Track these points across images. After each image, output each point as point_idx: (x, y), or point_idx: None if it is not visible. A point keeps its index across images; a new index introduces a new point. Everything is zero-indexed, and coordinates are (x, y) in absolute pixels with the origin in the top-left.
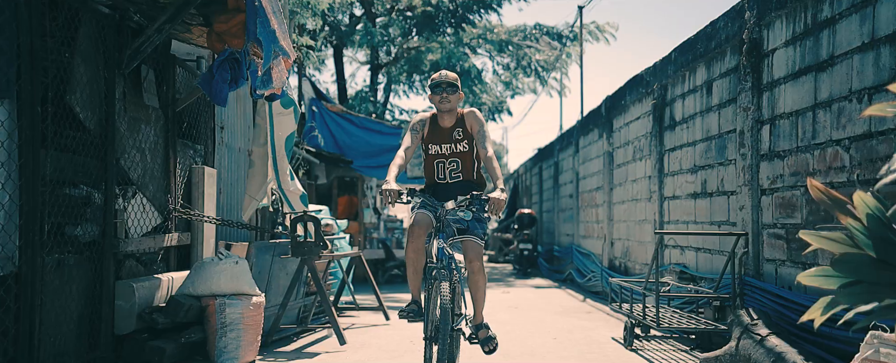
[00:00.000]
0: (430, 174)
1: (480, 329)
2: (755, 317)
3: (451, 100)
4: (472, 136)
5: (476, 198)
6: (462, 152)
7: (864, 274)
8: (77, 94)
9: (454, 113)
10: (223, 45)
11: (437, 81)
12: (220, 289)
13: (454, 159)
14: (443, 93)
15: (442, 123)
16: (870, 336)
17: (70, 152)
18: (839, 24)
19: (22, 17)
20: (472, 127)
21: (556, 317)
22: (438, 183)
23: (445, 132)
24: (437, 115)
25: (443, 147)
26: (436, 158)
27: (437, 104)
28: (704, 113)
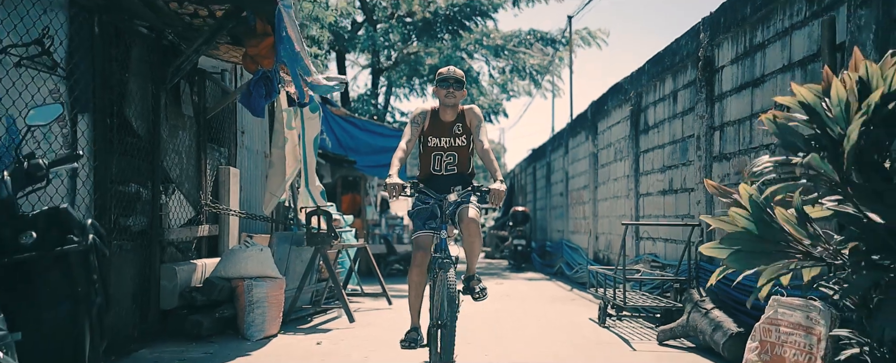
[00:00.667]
0: (426, 165)
1: (472, 280)
2: (704, 295)
3: (457, 95)
4: (470, 132)
5: (477, 189)
6: (460, 146)
7: (746, 245)
8: (132, 107)
9: (456, 108)
10: (256, 65)
11: (445, 76)
12: (247, 273)
13: (451, 153)
14: (449, 87)
15: (443, 117)
16: (772, 300)
17: (127, 156)
18: (767, 49)
19: (96, 47)
20: (472, 122)
21: (543, 304)
22: (434, 174)
23: (446, 126)
24: (438, 109)
25: (442, 140)
26: (434, 151)
27: (442, 98)
28: (671, 119)
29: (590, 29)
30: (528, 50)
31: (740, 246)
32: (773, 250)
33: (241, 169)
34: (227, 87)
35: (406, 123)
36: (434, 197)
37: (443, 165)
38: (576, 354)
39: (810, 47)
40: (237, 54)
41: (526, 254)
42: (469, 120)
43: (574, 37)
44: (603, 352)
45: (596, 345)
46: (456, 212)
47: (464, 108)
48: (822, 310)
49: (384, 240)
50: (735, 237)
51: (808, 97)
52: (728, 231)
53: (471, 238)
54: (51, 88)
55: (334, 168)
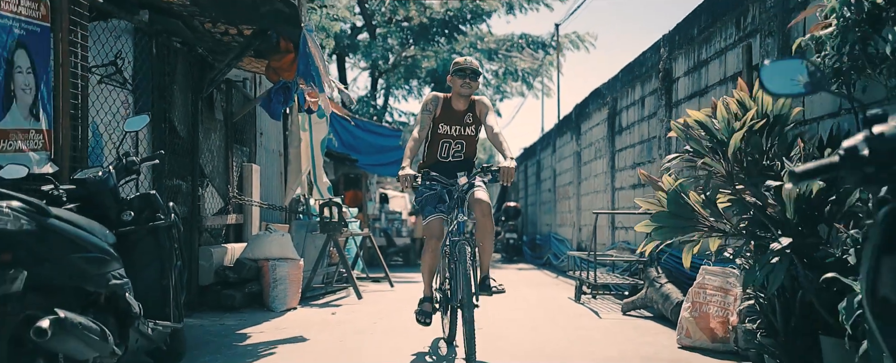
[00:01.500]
0: (433, 152)
1: (487, 279)
2: (660, 273)
3: (473, 86)
4: (480, 122)
5: (487, 169)
6: (469, 135)
7: (666, 222)
8: (176, 113)
9: (469, 98)
10: (278, 77)
11: (463, 67)
12: (271, 255)
13: (460, 141)
14: (467, 78)
15: (455, 106)
16: (701, 269)
17: (174, 155)
18: (709, 64)
19: (154, 65)
20: (481, 112)
21: (529, 289)
22: (440, 161)
23: (458, 115)
24: (450, 98)
25: (452, 128)
26: (443, 138)
27: (458, 87)
28: (640, 122)
29: (579, 33)
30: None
31: (662, 223)
32: (686, 225)
33: (261, 166)
34: (248, 94)
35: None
36: (442, 182)
37: (450, 152)
38: (551, 324)
39: (739, 65)
40: (259, 65)
41: (517, 247)
42: (479, 110)
43: (564, 40)
44: (575, 322)
45: (569, 317)
46: (465, 197)
47: (474, 99)
48: (737, 276)
49: (384, 234)
50: (658, 216)
51: (701, 117)
52: (654, 211)
53: (485, 227)
54: (122, 100)
55: (337, 165)
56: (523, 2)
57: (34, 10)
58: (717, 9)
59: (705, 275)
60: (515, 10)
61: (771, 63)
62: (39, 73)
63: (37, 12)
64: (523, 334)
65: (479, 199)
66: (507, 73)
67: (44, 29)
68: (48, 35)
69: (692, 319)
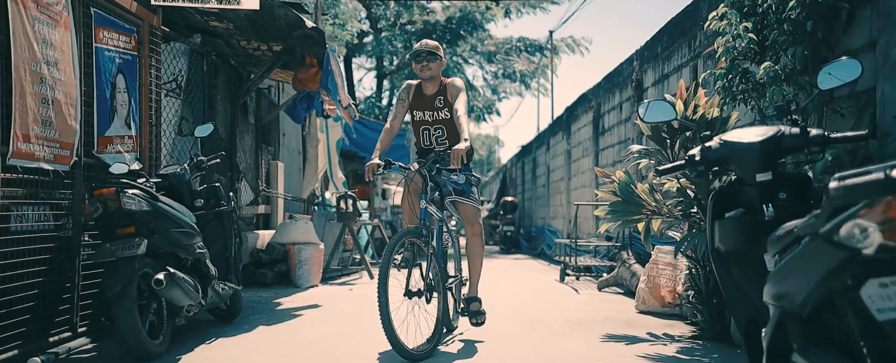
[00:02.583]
0: (418, 140)
1: (473, 302)
2: (630, 255)
3: (432, 67)
4: (452, 104)
5: (439, 155)
6: (445, 119)
7: (618, 208)
8: (218, 118)
9: (437, 81)
10: (303, 86)
11: (418, 51)
12: (297, 239)
13: (438, 126)
14: (423, 61)
15: (425, 91)
16: (655, 248)
17: None
18: (670, 77)
19: (205, 79)
20: (452, 94)
21: (522, 273)
22: (425, 149)
23: (428, 99)
24: (421, 84)
25: (426, 114)
26: (421, 125)
27: (418, 72)
28: (619, 124)
29: (574, 37)
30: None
31: (615, 208)
32: (635, 210)
33: (284, 163)
34: (273, 100)
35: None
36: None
37: (433, 139)
38: (535, 298)
39: (690, 80)
40: (284, 75)
41: (514, 238)
42: (450, 92)
43: (560, 43)
44: (556, 297)
45: (552, 294)
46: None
47: (445, 81)
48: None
49: (390, 226)
50: (612, 203)
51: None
52: (609, 200)
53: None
54: (176, 109)
55: (347, 163)
56: (520, 6)
57: (127, 42)
58: (675, 32)
59: (658, 253)
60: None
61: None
62: (130, 91)
63: (129, 44)
64: (509, 304)
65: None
66: (506, 75)
67: (133, 56)
68: (136, 61)
69: (647, 289)
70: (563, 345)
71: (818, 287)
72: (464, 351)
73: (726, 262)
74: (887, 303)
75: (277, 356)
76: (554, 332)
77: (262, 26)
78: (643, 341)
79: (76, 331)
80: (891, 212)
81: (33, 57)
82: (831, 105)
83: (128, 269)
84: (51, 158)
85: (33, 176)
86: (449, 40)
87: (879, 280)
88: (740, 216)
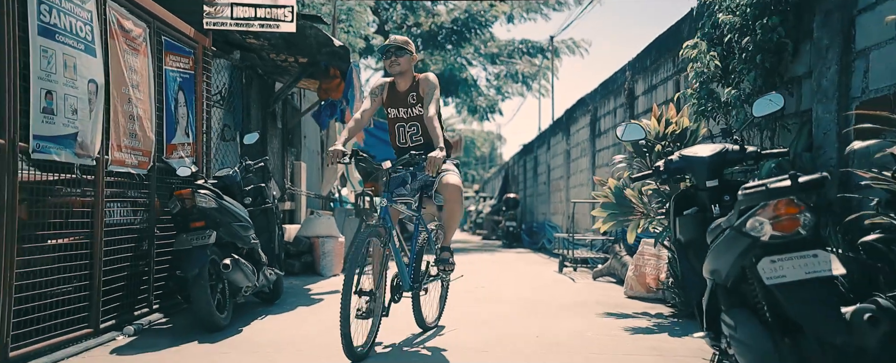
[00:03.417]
0: (393, 139)
1: (444, 251)
2: (621, 248)
3: (401, 62)
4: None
5: (414, 157)
6: (418, 116)
7: (611, 209)
8: (251, 124)
9: (408, 76)
10: (327, 95)
11: (386, 46)
12: (320, 233)
13: (412, 123)
14: (392, 56)
15: (398, 87)
16: (642, 242)
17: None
18: (657, 88)
19: (243, 91)
20: (424, 90)
21: (524, 266)
22: (401, 147)
23: (401, 96)
24: (395, 80)
25: (400, 111)
26: (396, 122)
27: (387, 68)
28: (613, 128)
29: (575, 39)
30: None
31: (608, 210)
32: (625, 211)
33: (305, 163)
34: (296, 106)
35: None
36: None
37: (407, 137)
38: (536, 287)
39: (674, 92)
40: (308, 84)
41: (516, 233)
42: (422, 88)
43: (561, 45)
44: (555, 285)
45: (550, 283)
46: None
47: (418, 77)
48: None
49: None
50: (606, 205)
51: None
52: (603, 202)
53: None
54: (218, 117)
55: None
56: (522, 12)
57: (186, 63)
58: (661, 48)
59: (644, 245)
60: (515, 20)
61: (625, 125)
62: (188, 104)
63: (188, 65)
64: (513, 291)
65: (447, 184)
66: (508, 76)
67: (191, 75)
68: (193, 78)
69: (634, 277)
70: (560, 321)
71: (735, 265)
72: (474, 326)
73: (685, 249)
74: (773, 273)
75: (321, 327)
76: (553, 313)
77: (294, 44)
78: (628, 318)
79: (152, 308)
80: (777, 211)
81: (123, 82)
82: (781, 121)
83: (201, 256)
84: (135, 164)
85: (122, 179)
86: (454, 41)
87: (770, 258)
88: (695, 213)
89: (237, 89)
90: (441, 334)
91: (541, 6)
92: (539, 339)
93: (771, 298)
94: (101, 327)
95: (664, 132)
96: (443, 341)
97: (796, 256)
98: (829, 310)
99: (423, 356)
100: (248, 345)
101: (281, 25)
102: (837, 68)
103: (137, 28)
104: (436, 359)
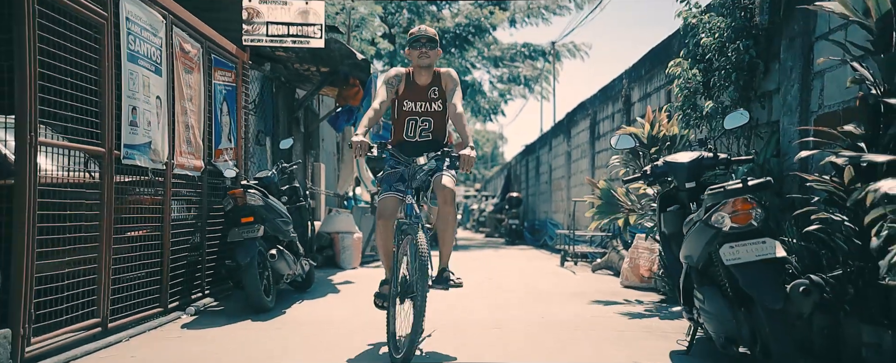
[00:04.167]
0: (399, 131)
1: (445, 271)
2: (619, 243)
3: (431, 55)
4: (446, 97)
5: (447, 154)
6: (435, 111)
7: (602, 207)
8: (280, 129)
9: (431, 70)
10: (346, 102)
11: (417, 36)
12: (340, 229)
13: (426, 118)
14: (422, 47)
15: (418, 80)
16: (636, 236)
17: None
18: (651, 96)
19: (273, 99)
20: (447, 85)
21: (527, 261)
22: (406, 140)
23: (421, 89)
24: (413, 72)
25: (417, 104)
26: (408, 115)
27: (415, 59)
28: (611, 132)
29: (575, 43)
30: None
31: (600, 207)
32: (615, 209)
33: (323, 164)
34: (314, 111)
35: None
36: (404, 160)
37: (417, 131)
38: (539, 279)
39: (665, 100)
40: (328, 91)
41: (519, 231)
42: (445, 83)
43: (562, 48)
44: (556, 278)
45: (552, 276)
46: (430, 180)
47: (440, 71)
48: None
49: None
50: (598, 206)
51: (635, 131)
52: (595, 202)
53: (447, 207)
54: (256, 125)
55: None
56: (524, 17)
57: (230, 77)
58: (654, 60)
59: (638, 239)
60: (517, 24)
61: (618, 136)
62: (231, 113)
63: (230, 78)
64: (517, 282)
65: (443, 186)
66: (511, 79)
67: (233, 87)
68: (235, 90)
69: (629, 268)
70: (562, 307)
71: (704, 250)
72: (487, 310)
73: (668, 240)
74: (732, 256)
75: (353, 310)
76: (555, 300)
77: (319, 56)
78: (623, 304)
79: (204, 293)
80: (735, 208)
81: (182, 96)
82: (755, 130)
83: (252, 247)
84: (192, 167)
85: (180, 180)
86: (458, 45)
87: (729, 244)
88: (676, 210)
89: (267, 97)
90: (456, 315)
91: (541, 11)
92: (543, 320)
93: (730, 276)
94: (169, 307)
95: (657, 137)
96: (460, 318)
97: (749, 243)
98: (773, 284)
99: (444, 327)
100: (295, 324)
101: (311, 41)
102: (799, 86)
103: (194, 49)
104: (456, 329)
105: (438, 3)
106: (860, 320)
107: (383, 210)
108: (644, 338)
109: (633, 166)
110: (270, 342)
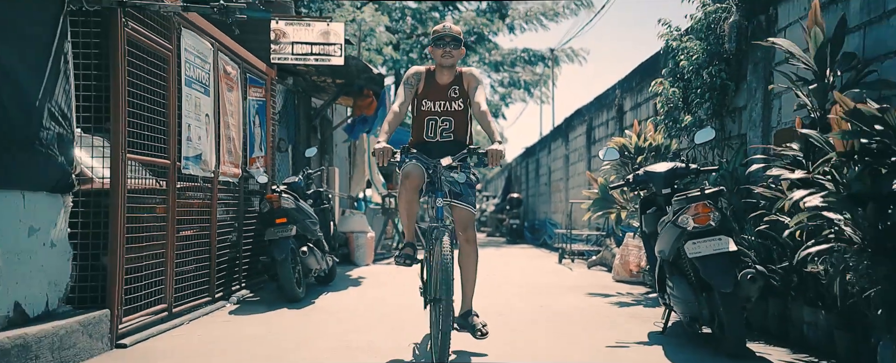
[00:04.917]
0: (418, 131)
1: (470, 315)
2: (613, 241)
3: (454, 55)
4: (468, 96)
5: (474, 152)
6: (456, 111)
7: (598, 203)
8: (300, 137)
9: (453, 70)
10: (360, 111)
11: (441, 34)
12: (354, 228)
13: (447, 118)
14: (446, 47)
15: (439, 79)
16: (627, 234)
17: (296, 164)
18: (641, 106)
19: (295, 110)
20: (469, 84)
21: (527, 259)
22: (427, 141)
23: (442, 89)
24: (433, 71)
25: (437, 104)
26: (428, 115)
27: (439, 58)
28: (606, 138)
29: (574, 48)
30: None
31: (596, 204)
32: (609, 205)
33: (337, 168)
34: (329, 118)
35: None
36: (426, 162)
37: (437, 132)
38: (538, 275)
39: (654, 111)
40: (343, 101)
41: (519, 231)
42: (467, 82)
43: (560, 54)
44: (554, 274)
45: (551, 272)
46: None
47: (462, 70)
48: None
49: None
50: (594, 200)
51: (624, 141)
52: (593, 197)
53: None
54: (280, 134)
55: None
56: (523, 23)
57: (260, 93)
58: (644, 73)
59: (628, 238)
60: (516, 30)
61: (605, 149)
62: (261, 125)
63: (261, 94)
64: (518, 278)
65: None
66: (512, 84)
67: (263, 101)
68: (265, 104)
69: (620, 264)
70: (560, 298)
71: (673, 246)
72: (490, 300)
73: (648, 239)
74: (694, 250)
75: (374, 301)
76: (553, 293)
77: (337, 70)
78: (614, 296)
79: (242, 285)
80: (697, 211)
81: (225, 112)
82: (727, 142)
83: (286, 244)
84: (232, 174)
85: (223, 186)
86: None
87: (693, 241)
88: (654, 212)
89: (290, 108)
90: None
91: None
92: (543, 309)
93: (694, 267)
94: (215, 297)
95: (643, 147)
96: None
97: (708, 239)
98: (726, 273)
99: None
100: (326, 311)
101: (331, 59)
102: (762, 105)
103: (234, 70)
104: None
105: (441, 10)
106: (804, 303)
107: (410, 172)
108: (629, 323)
109: (622, 172)
110: (310, 325)
